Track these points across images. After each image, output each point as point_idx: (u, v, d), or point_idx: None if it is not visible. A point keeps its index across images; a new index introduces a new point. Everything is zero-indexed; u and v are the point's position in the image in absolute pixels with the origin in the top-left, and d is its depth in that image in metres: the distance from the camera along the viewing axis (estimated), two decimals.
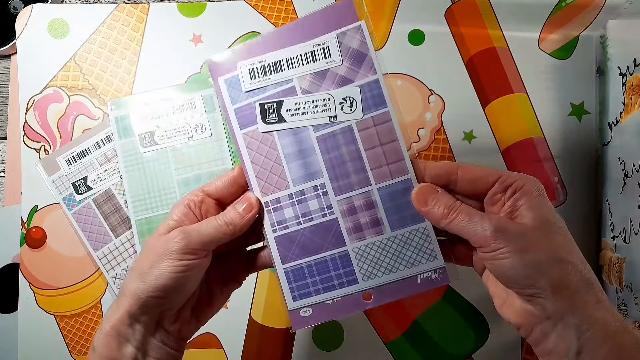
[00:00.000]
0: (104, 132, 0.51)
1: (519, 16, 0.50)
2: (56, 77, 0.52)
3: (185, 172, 0.48)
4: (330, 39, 0.33)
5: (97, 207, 0.50)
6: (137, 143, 0.49)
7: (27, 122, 0.52)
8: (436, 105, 0.51)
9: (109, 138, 0.50)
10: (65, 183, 0.50)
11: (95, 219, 0.50)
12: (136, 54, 0.52)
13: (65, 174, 0.51)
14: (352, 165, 0.34)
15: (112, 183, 0.50)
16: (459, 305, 0.49)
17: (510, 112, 0.50)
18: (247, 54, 0.34)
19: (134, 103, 0.49)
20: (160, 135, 0.48)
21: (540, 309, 0.28)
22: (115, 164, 0.50)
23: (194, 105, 0.49)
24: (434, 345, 0.49)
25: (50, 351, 0.50)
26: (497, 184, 0.31)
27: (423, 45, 0.51)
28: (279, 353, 0.49)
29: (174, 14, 0.52)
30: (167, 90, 0.50)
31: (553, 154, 0.49)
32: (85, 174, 0.50)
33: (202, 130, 0.48)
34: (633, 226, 0.41)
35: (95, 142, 0.50)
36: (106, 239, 0.50)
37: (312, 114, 0.34)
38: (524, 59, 0.50)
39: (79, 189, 0.50)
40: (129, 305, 0.31)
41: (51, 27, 0.52)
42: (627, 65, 0.43)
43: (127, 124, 0.49)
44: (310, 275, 0.34)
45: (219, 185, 0.35)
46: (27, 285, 0.50)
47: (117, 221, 0.50)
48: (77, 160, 0.50)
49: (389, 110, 0.34)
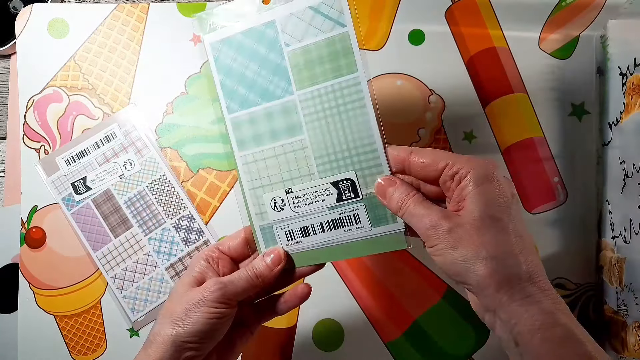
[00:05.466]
0: (104, 132, 0.50)
1: (519, 16, 0.50)
2: (56, 77, 0.52)
3: None
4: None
5: (96, 207, 0.50)
6: None
7: (27, 122, 0.51)
8: (436, 105, 0.50)
9: (108, 138, 0.50)
10: (64, 183, 0.50)
11: (95, 219, 0.50)
12: (136, 53, 0.52)
13: (64, 174, 0.50)
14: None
15: (111, 183, 0.50)
16: (459, 305, 0.49)
17: (511, 112, 0.50)
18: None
19: None
20: None
21: (480, 299, 0.30)
22: (114, 164, 0.50)
23: None
24: (434, 346, 0.49)
25: (50, 351, 0.50)
26: (445, 170, 0.31)
27: (423, 45, 0.51)
28: (279, 353, 0.49)
29: (174, 14, 0.52)
30: None
31: (553, 153, 0.49)
32: (85, 174, 0.50)
33: None
34: (633, 226, 0.41)
35: (95, 142, 0.50)
36: (105, 239, 0.50)
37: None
38: (525, 59, 0.50)
39: (78, 189, 0.50)
40: (162, 352, 0.33)
41: (51, 27, 0.52)
42: (628, 65, 0.43)
43: None
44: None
45: (232, 246, 0.38)
46: (26, 285, 0.50)
47: (117, 221, 0.50)
48: (76, 161, 0.50)
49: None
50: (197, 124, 0.51)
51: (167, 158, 0.51)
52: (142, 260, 0.49)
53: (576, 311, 0.48)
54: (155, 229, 0.49)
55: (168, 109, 0.51)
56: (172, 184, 0.50)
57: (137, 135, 0.51)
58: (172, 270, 0.49)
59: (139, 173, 0.50)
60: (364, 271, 0.49)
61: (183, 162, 0.51)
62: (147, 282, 0.49)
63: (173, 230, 0.49)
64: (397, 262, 0.49)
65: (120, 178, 0.50)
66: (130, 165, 0.50)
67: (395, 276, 0.49)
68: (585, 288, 0.48)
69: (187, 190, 0.50)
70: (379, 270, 0.49)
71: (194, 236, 0.49)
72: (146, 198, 0.50)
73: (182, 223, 0.49)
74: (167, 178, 0.50)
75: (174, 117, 0.51)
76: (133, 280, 0.49)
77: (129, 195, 0.50)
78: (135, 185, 0.50)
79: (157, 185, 0.50)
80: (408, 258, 0.49)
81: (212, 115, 0.51)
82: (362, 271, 0.49)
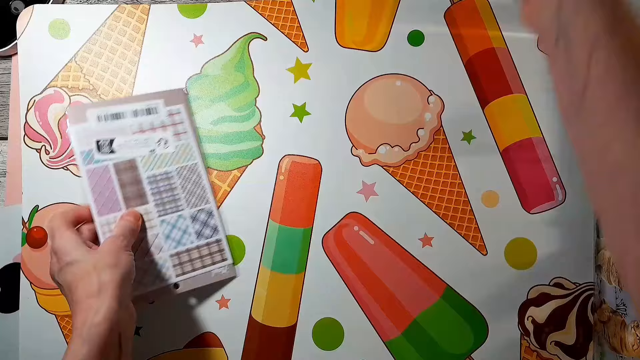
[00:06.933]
0: (146, 103, 0.49)
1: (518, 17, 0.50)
2: (57, 78, 0.52)
3: None
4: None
5: (116, 172, 0.47)
6: None
7: (28, 122, 0.52)
8: (435, 105, 0.51)
9: (149, 111, 0.48)
10: (88, 137, 0.47)
11: (110, 184, 0.47)
12: (137, 54, 0.52)
13: (91, 128, 0.47)
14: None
15: (139, 154, 0.48)
16: (458, 305, 0.49)
17: (510, 112, 0.50)
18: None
19: None
20: None
21: None
22: (148, 137, 0.48)
23: None
24: (433, 345, 0.49)
25: (51, 351, 0.50)
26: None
27: (422, 45, 0.51)
28: (279, 352, 0.50)
29: (175, 15, 0.52)
30: None
31: (552, 154, 0.50)
32: (113, 136, 0.47)
33: None
34: None
35: (134, 110, 0.48)
36: (115, 207, 0.47)
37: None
38: (523, 60, 0.50)
39: (101, 148, 0.47)
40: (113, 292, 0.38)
41: (52, 27, 0.52)
42: None
43: None
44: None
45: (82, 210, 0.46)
46: (28, 285, 0.50)
47: (133, 193, 0.47)
48: (107, 120, 0.47)
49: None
50: (198, 124, 0.51)
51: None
52: (149, 239, 0.47)
53: (575, 310, 0.48)
54: (172, 213, 0.48)
55: None
56: (201, 176, 0.49)
57: (180, 119, 0.50)
58: (176, 258, 0.47)
59: (172, 155, 0.48)
60: (364, 271, 0.50)
61: None
62: (147, 263, 0.47)
63: (189, 219, 0.48)
64: (397, 262, 0.50)
65: (150, 153, 0.48)
66: (165, 144, 0.48)
67: (395, 276, 0.49)
68: (583, 287, 0.48)
69: None
70: (378, 269, 0.50)
71: (208, 232, 0.49)
72: (172, 180, 0.48)
73: (201, 216, 0.49)
74: (197, 168, 0.49)
75: None
76: None
77: (155, 172, 0.48)
78: (164, 165, 0.48)
79: (185, 172, 0.48)
80: (408, 258, 0.50)
81: (213, 116, 0.51)
82: (362, 271, 0.50)
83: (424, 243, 0.50)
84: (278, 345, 0.50)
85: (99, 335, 0.36)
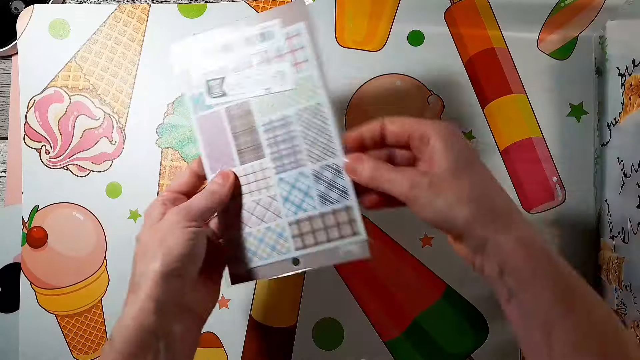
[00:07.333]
0: (260, 27, 0.38)
1: (518, 17, 0.51)
2: (57, 78, 0.52)
3: None
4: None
5: (228, 119, 0.39)
6: None
7: (28, 122, 0.52)
8: (435, 105, 0.51)
9: (264, 36, 0.38)
10: (197, 77, 0.39)
11: (222, 135, 0.39)
12: (137, 54, 0.52)
13: (199, 66, 0.39)
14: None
15: (253, 95, 0.38)
16: (458, 304, 0.49)
17: (510, 112, 0.50)
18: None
19: None
20: None
21: (466, 244, 0.32)
22: (261, 72, 0.38)
23: None
24: (433, 345, 0.49)
25: (52, 350, 0.50)
26: (414, 136, 0.34)
27: (422, 45, 0.51)
28: (279, 352, 0.50)
29: (175, 15, 0.52)
30: None
31: (552, 154, 0.50)
32: (223, 74, 0.39)
33: None
34: (632, 226, 0.41)
35: (246, 38, 0.38)
36: (229, 162, 0.39)
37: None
38: (523, 60, 0.50)
39: (212, 91, 0.39)
40: (150, 289, 0.32)
41: (52, 27, 0.52)
42: (626, 65, 0.44)
43: None
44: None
45: (182, 182, 0.39)
46: (28, 285, 0.50)
47: (247, 145, 0.39)
48: (217, 54, 0.39)
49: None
50: None
51: (168, 157, 0.51)
52: (265, 202, 0.38)
53: None
54: (291, 170, 0.38)
55: (169, 109, 0.52)
56: (327, 120, 0.37)
57: (300, 43, 0.38)
58: (296, 227, 0.38)
59: (291, 93, 0.38)
60: (364, 270, 0.50)
61: (184, 162, 0.51)
62: (263, 231, 0.38)
63: (312, 178, 0.38)
64: (397, 262, 0.50)
65: (265, 92, 0.38)
66: (282, 79, 0.38)
67: (395, 275, 0.49)
68: None
69: None
70: (378, 269, 0.50)
71: (335, 195, 0.37)
72: (291, 127, 0.38)
73: (325, 174, 0.37)
74: (322, 109, 0.37)
75: (174, 118, 0.52)
76: (247, 223, 0.39)
77: (271, 117, 0.38)
78: (282, 107, 0.38)
79: (307, 116, 0.38)
80: (408, 258, 0.50)
81: None
82: (362, 270, 0.50)
83: (424, 243, 0.50)
84: (278, 345, 0.50)
85: (125, 341, 0.32)
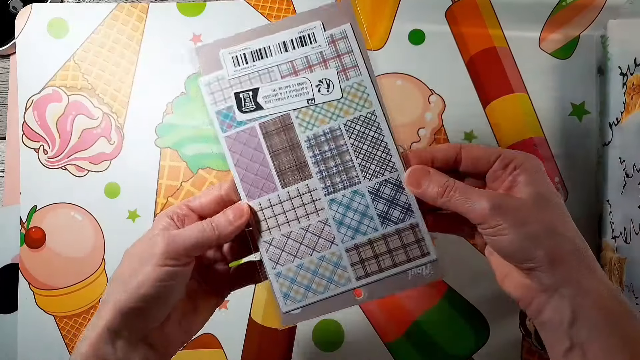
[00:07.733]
0: (299, 29, 0.34)
1: (520, 16, 0.50)
2: (55, 77, 0.52)
3: None
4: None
5: (264, 136, 0.34)
6: None
7: (26, 122, 0.51)
8: (436, 105, 0.50)
9: (304, 40, 0.34)
10: (225, 90, 0.34)
11: (258, 154, 0.34)
12: (135, 53, 0.52)
13: (227, 77, 0.34)
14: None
15: (293, 107, 0.34)
16: (459, 305, 0.49)
17: (511, 111, 0.50)
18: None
19: None
20: None
21: (537, 281, 0.29)
22: (303, 80, 0.34)
23: None
24: (434, 346, 0.49)
25: (50, 351, 0.50)
26: (498, 161, 0.32)
27: (423, 45, 0.51)
28: (279, 353, 0.49)
29: (174, 14, 0.52)
30: None
31: (553, 153, 0.49)
32: (257, 85, 0.34)
33: None
34: (634, 226, 0.41)
35: (282, 42, 0.34)
36: (268, 187, 0.34)
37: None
38: (525, 59, 0.50)
39: (243, 104, 0.34)
40: (108, 320, 0.30)
41: (50, 26, 0.52)
42: (628, 65, 0.43)
43: None
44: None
45: (204, 202, 0.34)
46: (26, 286, 0.50)
47: (290, 164, 0.34)
48: (248, 62, 0.34)
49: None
50: (197, 124, 0.51)
51: (167, 157, 0.51)
52: (316, 229, 0.34)
53: None
54: (343, 189, 0.34)
55: (168, 109, 0.51)
56: (382, 130, 0.34)
57: (347, 47, 0.34)
58: (355, 254, 0.34)
59: (339, 102, 0.34)
60: None
61: (183, 162, 0.51)
62: (316, 262, 0.34)
63: (369, 197, 0.34)
64: None
65: (308, 103, 0.34)
66: (328, 87, 0.34)
67: None
68: None
69: (187, 190, 0.50)
70: None
71: (398, 213, 0.34)
72: (340, 141, 0.34)
73: (384, 190, 0.34)
74: (376, 119, 0.34)
75: (173, 117, 0.51)
76: (296, 255, 0.34)
77: (316, 130, 0.34)
78: (329, 119, 0.34)
79: (359, 127, 0.34)
80: None
81: None
82: None
83: None
84: (278, 346, 0.49)
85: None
